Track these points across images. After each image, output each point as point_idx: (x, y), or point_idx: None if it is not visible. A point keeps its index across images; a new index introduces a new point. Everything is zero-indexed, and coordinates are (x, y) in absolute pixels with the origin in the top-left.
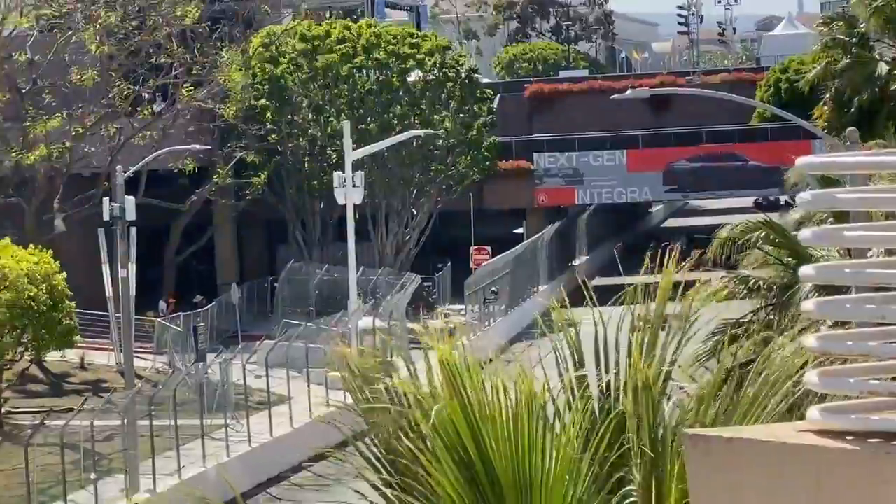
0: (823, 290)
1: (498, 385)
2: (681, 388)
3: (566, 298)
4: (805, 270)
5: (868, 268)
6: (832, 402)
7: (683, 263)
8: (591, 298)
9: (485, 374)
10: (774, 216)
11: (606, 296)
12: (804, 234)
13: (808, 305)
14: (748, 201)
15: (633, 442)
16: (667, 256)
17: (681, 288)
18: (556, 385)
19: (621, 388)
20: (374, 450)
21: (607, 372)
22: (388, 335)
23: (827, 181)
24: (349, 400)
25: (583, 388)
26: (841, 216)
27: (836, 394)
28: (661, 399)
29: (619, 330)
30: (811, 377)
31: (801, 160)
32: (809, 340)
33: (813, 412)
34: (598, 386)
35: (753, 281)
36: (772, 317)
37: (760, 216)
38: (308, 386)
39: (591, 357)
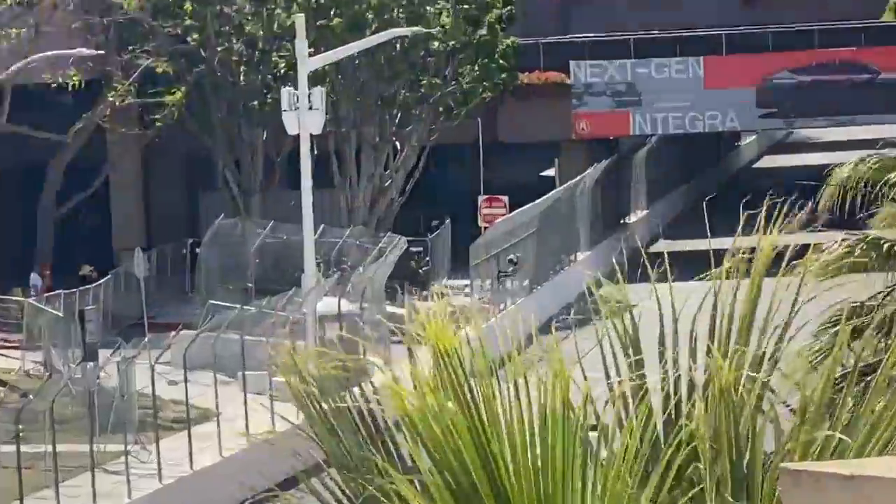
0: None
1: (520, 394)
2: (785, 403)
3: (618, 270)
4: None
5: None
6: None
7: (788, 220)
8: (652, 270)
9: (501, 378)
10: None
11: (676, 267)
12: None
13: None
14: (879, 131)
15: (708, 476)
16: (763, 211)
17: (786, 257)
18: (601, 394)
19: (696, 399)
20: (339, 490)
21: (676, 377)
22: (361, 323)
23: None
24: (302, 418)
25: (641, 398)
26: None
27: None
28: (753, 417)
29: (695, 318)
30: None
31: None
32: None
33: None
34: (663, 396)
35: (887, 246)
36: None
37: None
38: (244, 397)
39: (654, 355)
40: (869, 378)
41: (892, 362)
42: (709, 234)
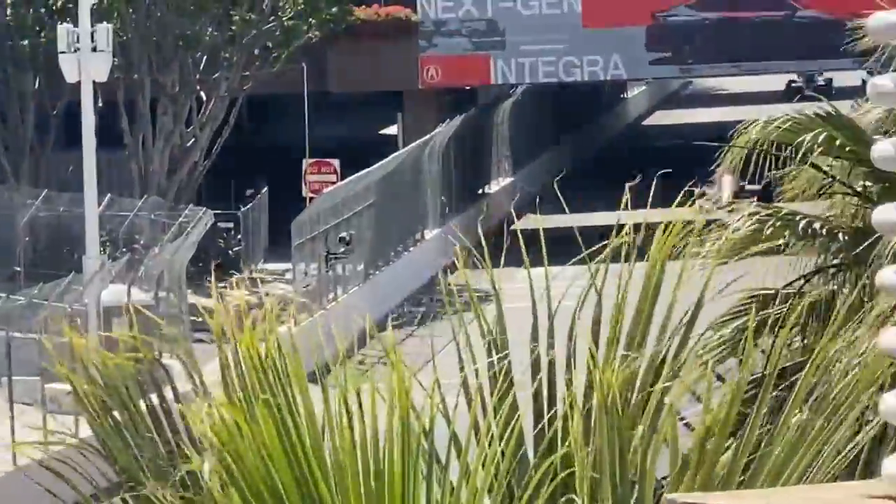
0: None
1: (349, 401)
2: (679, 416)
3: (476, 252)
4: (884, 215)
5: None
6: None
7: (686, 193)
8: (519, 252)
9: (327, 384)
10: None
11: (550, 248)
12: (881, 149)
13: (888, 277)
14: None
15: (583, 496)
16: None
17: (673, 233)
18: (454, 402)
19: (570, 409)
20: None
21: (548, 383)
22: (157, 316)
23: None
24: (87, 431)
25: (504, 407)
26: None
27: None
28: (645, 433)
29: (577, 310)
30: (891, 403)
31: (877, 16)
32: (888, 338)
33: (893, 466)
34: (534, 408)
35: (805, 222)
36: (836, 288)
37: (817, 107)
38: (10, 407)
39: (522, 355)
40: (787, 385)
41: (814, 368)
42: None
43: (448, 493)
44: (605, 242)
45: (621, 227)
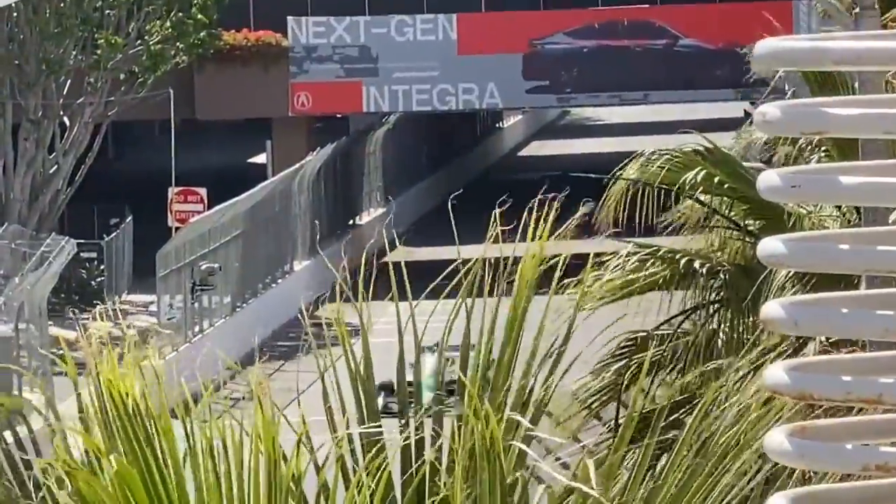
0: (807, 279)
1: (212, 442)
2: (556, 458)
3: (344, 284)
4: (770, 247)
5: (885, 241)
6: (814, 488)
7: (565, 225)
8: (388, 284)
9: (189, 423)
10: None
11: (417, 281)
12: (767, 179)
13: (773, 310)
14: (677, 112)
15: None
16: (534, 212)
17: (558, 269)
18: (323, 441)
19: (444, 450)
20: None
21: (418, 421)
22: (17, 348)
23: (819, 80)
24: None
25: (375, 448)
26: (839, 149)
27: (822, 471)
28: (517, 474)
29: (442, 342)
30: (776, 440)
31: (763, 45)
32: (774, 374)
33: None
34: (403, 444)
35: (686, 260)
36: (717, 326)
37: (699, 141)
38: None
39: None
40: (667, 424)
41: (701, 414)
42: (454, 237)
43: None
44: (457, 276)
45: (486, 260)
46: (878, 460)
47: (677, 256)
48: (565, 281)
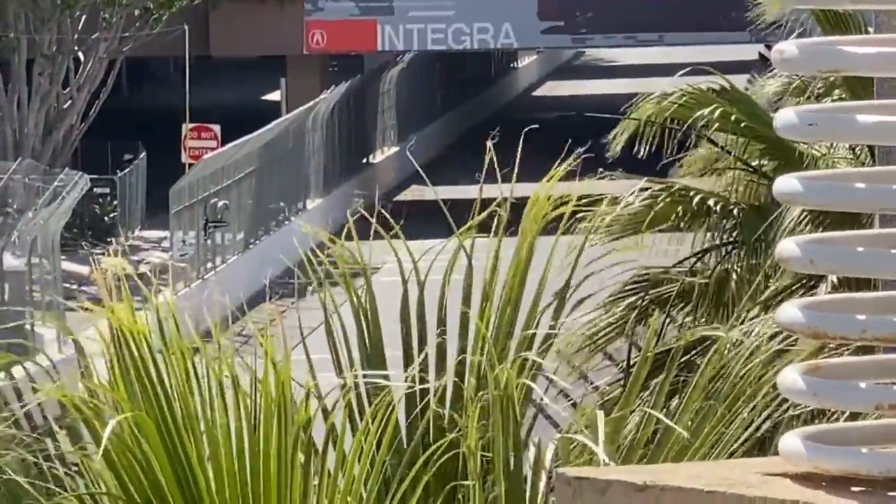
0: (820, 220)
1: (223, 381)
2: (564, 395)
3: (353, 224)
4: (785, 184)
5: None
6: (826, 425)
7: (571, 160)
8: (397, 223)
9: (201, 362)
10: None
11: (430, 220)
12: (784, 117)
13: (788, 248)
14: (692, 54)
15: (474, 491)
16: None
17: (568, 208)
18: (331, 384)
19: (452, 389)
20: None
21: (429, 362)
22: (29, 283)
23: (832, 22)
24: None
25: (384, 391)
26: (857, 86)
27: (834, 409)
28: (523, 411)
29: (445, 284)
30: (789, 378)
31: None
32: (787, 312)
33: (792, 442)
34: (411, 385)
35: (699, 198)
36: (729, 266)
37: (714, 80)
38: None
39: (398, 333)
40: (683, 365)
41: (713, 357)
42: (480, 179)
43: (325, 481)
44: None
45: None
46: (892, 399)
47: (691, 194)
48: (576, 216)
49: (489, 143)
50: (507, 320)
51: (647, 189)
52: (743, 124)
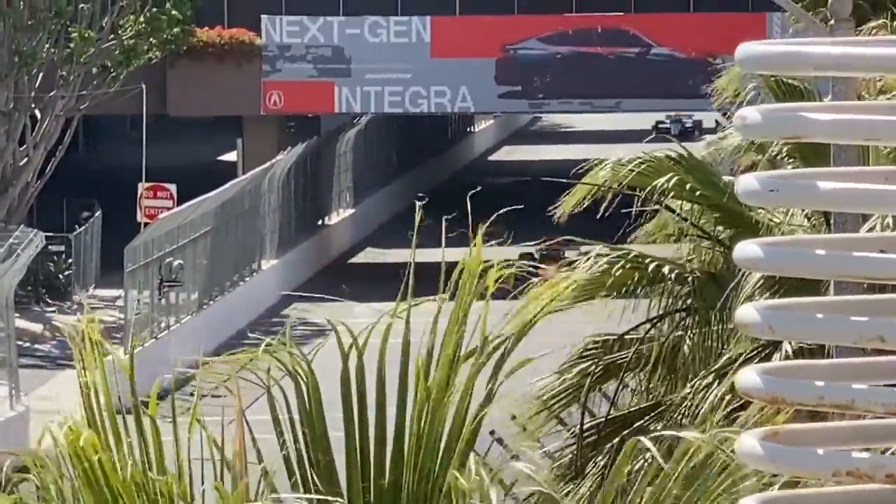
0: (776, 287)
1: (176, 452)
2: (514, 458)
3: (308, 286)
4: (745, 250)
5: (859, 248)
6: (781, 492)
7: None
8: (360, 284)
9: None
10: (695, 150)
11: (385, 282)
12: (745, 183)
13: (748, 314)
14: (649, 120)
15: None
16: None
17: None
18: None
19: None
20: None
21: (379, 423)
22: None
23: (786, 91)
24: None
25: (318, 452)
26: (812, 154)
27: (793, 476)
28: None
29: (381, 362)
30: (748, 444)
31: (743, 49)
32: (747, 377)
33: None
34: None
35: (654, 265)
36: (684, 333)
37: (668, 148)
38: None
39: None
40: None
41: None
42: (410, 238)
43: None
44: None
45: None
46: (850, 466)
47: (646, 261)
48: (532, 281)
49: (419, 211)
50: (444, 380)
51: (603, 255)
52: (698, 192)
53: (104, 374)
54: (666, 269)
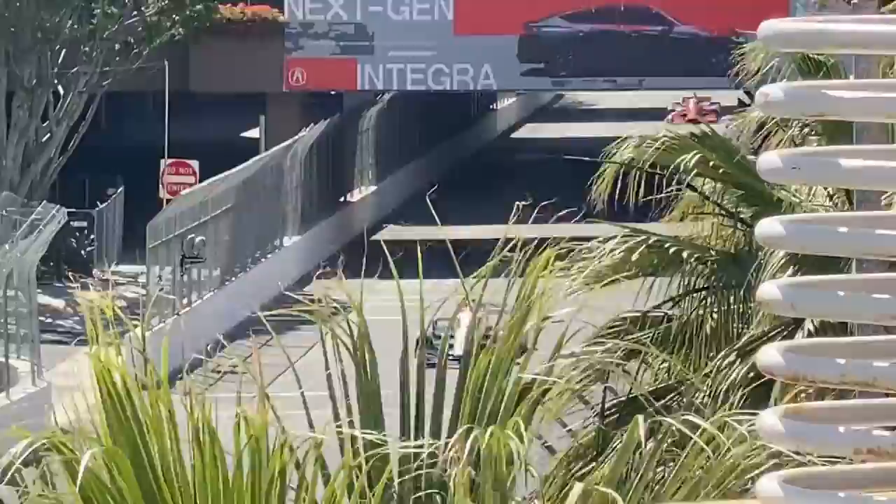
0: (800, 263)
1: (198, 422)
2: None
3: (331, 263)
4: (768, 227)
5: (881, 226)
6: (804, 469)
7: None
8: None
9: (177, 398)
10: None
11: (405, 259)
12: (767, 160)
13: (770, 291)
14: (671, 99)
15: None
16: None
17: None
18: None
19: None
20: None
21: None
22: (4, 315)
23: (812, 67)
24: None
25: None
26: (835, 132)
27: (814, 452)
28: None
29: (432, 322)
30: (769, 422)
31: (766, 27)
32: (768, 355)
33: (770, 485)
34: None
35: (674, 249)
36: (704, 312)
37: (691, 128)
38: None
39: (386, 367)
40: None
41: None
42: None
43: None
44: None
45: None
46: (871, 444)
47: (666, 245)
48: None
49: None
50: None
51: (624, 240)
52: (721, 170)
53: (119, 351)
54: (685, 254)
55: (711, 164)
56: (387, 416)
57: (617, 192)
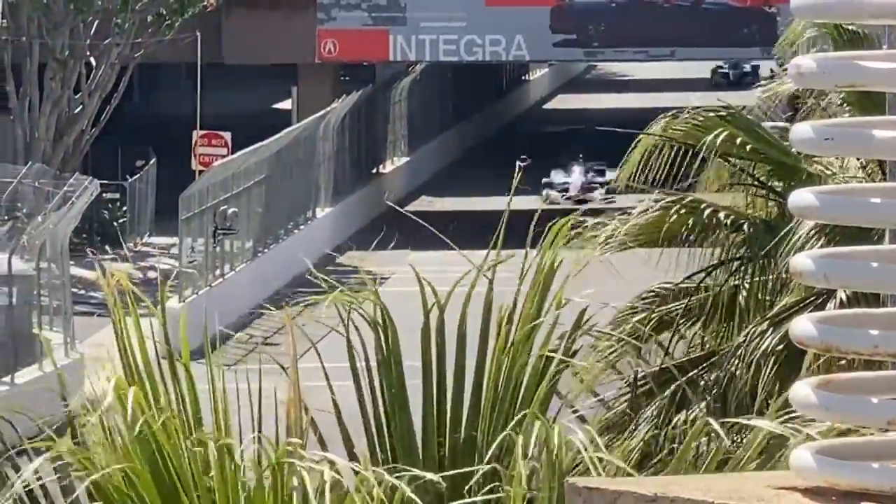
0: (832, 234)
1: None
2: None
3: (363, 234)
4: (800, 198)
5: None
6: (837, 440)
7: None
8: (415, 233)
9: (212, 373)
10: (750, 98)
11: (439, 231)
12: (800, 131)
13: (802, 262)
14: (703, 69)
15: None
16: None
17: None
18: (347, 392)
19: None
20: None
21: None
22: (37, 287)
23: (846, 39)
24: None
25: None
26: (867, 103)
27: (845, 424)
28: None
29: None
30: (801, 392)
31: None
32: (800, 326)
33: (803, 456)
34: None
35: (710, 211)
36: (739, 282)
37: (721, 98)
38: None
39: (409, 341)
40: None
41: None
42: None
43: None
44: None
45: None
46: None
47: (702, 206)
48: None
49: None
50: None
51: (659, 200)
52: (749, 147)
53: (138, 325)
54: (721, 216)
55: (738, 140)
56: (409, 388)
57: (648, 168)
